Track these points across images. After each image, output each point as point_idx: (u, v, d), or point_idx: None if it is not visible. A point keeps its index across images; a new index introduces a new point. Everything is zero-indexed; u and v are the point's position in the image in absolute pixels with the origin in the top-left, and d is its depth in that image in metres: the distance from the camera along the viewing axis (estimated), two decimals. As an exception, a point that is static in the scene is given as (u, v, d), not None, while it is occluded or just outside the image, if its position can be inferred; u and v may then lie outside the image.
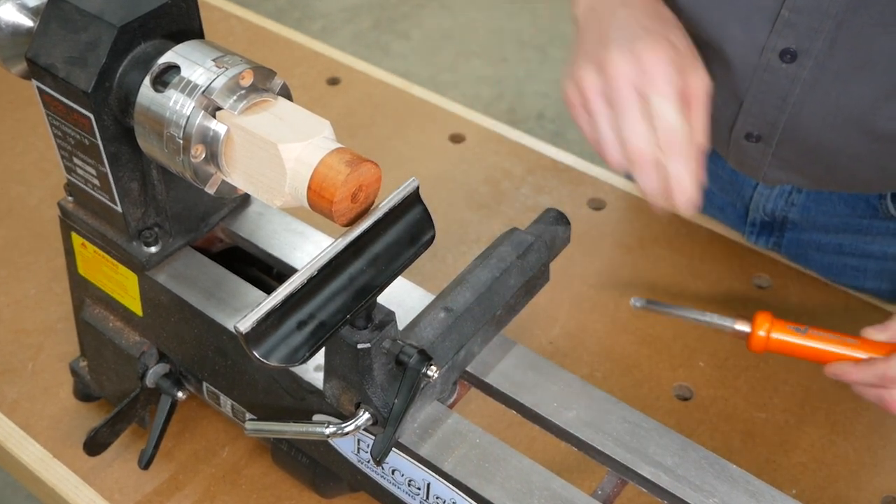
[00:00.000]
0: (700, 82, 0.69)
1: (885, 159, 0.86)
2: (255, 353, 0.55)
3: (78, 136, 0.67)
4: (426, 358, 0.61)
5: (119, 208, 0.70)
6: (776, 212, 1.00)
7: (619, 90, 0.67)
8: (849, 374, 0.74)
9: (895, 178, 0.89)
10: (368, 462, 0.70)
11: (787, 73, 0.83)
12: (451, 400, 0.71)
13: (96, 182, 0.70)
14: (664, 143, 0.66)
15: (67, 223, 0.76)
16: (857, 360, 0.77)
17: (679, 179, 0.66)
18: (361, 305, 0.59)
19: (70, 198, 0.75)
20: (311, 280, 0.57)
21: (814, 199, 0.97)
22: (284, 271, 0.75)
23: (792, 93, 0.84)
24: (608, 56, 0.69)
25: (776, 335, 0.78)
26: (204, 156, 0.62)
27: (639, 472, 0.65)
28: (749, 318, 0.79)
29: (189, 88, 0.61)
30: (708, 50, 0.83)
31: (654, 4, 0.75)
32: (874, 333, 0.75)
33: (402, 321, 0.65)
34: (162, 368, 0.78)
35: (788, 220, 1.00)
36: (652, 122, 0.66)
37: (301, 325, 0.57)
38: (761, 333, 0.78)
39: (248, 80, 0.62)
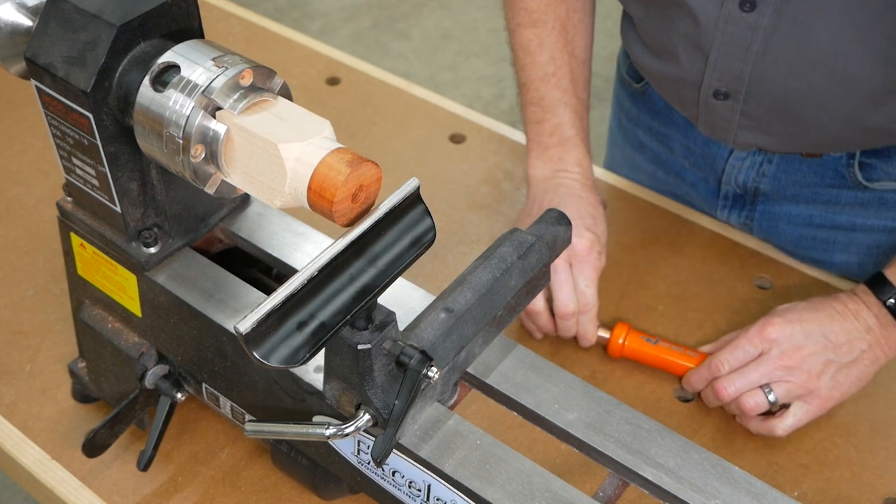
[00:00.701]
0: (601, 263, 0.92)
1: (850, 108, 0.87)
2: (254, 354, 0.55)
3: (77, 136, 0.67)
4: (427, 359, 0.60)
5: (118, 209, 0.70)
6: (748, 183, 1.02)
7: (556, 265, 0.88)
8: (691, 381, 0.87)
9: (862, 132, 0.90)
10: (369, 463, 0.70)
11: (747, 22, 0.84)
12: (452, 401, 0.71)
13: (95, 182, 0.69)
14: (581, 307, 0.89)
15: (66, 223, 0.76)
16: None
17: (586, 331, 0.90)
18: (362, 306, 0.59)
19: (69, 198, 0.75)
20: (311, 281, 0.57)
21: (784, 169, 1.00)
22: (284, 272, 0.75)
23: (754, 42, 0.86)
24: None
25: (630, 344, 0.89)
26: (203, 156, 0.62)
27: (640, 473, 0.65)
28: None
29: (189, 88, 0.61)
30: (674, 7, 0.88)
31: (594, 203, 0.94)
32: (707, 347, 0.90)
33: (403, 322, 0.65)
34: (161, 370, 0.78)
35: (760, 192, 1.02)
36: (575, 292, 0.88)
37: (301, 325, 0.57)
38: (619, 341, 0.90)
39: (247, 80, 0.61)
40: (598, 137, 1.07)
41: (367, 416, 0.62)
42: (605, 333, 0.90)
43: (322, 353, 0.61)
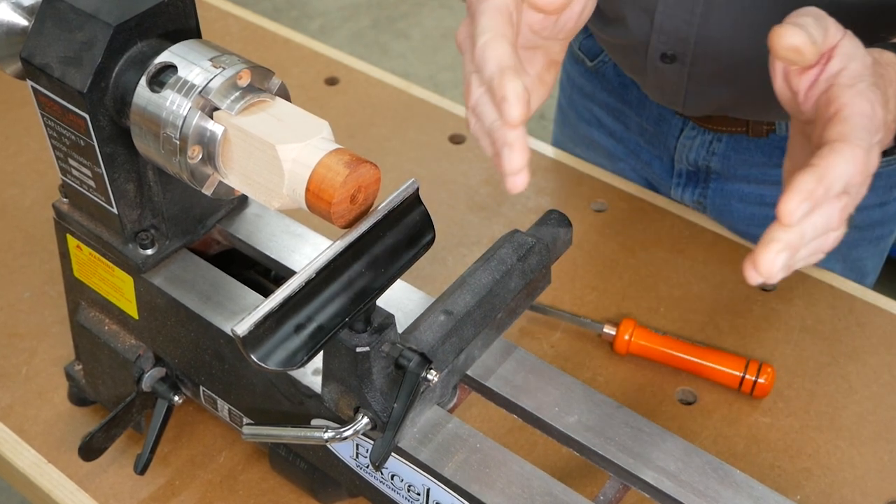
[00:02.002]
0: None
1: None
2: (252, 356, 0.55)
3: (73, 137, 0.67)
4: (426, 361, 0.60)
5: (115, 210, 0.69)
6: (699, 161, 1.04)
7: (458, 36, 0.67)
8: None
9: None
10: (367, 467, 0.69)
11: None
12: (452, 404, 0.71)
13: (91, 183, 0.69)
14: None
15: (62, 225, 0.75)
16: (707, 369, 0.87)
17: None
18: (360, 308, 0.59)
19: (65, 199, 0.74)
20: (309, 283, 0.56)
21: (733, 148, 1.01)
22: (282, 274, 0.75)
23: (697, 3, 0.86)
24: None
25: (637, 339, 0.88)
26: (201, 157, 0.62)
27: (641, 477, 0.64)
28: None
29: (186, 88, 0.60)
30: None
31: None
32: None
33: (402, 324, 0.64)
34: (158, 372, 0.77)
35: (711, 170, 1.03)
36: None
37: (299, 328, 0.56)
38: (626, 337, 0.88)
39: (245, 80, 0.61)
40: (543, 118, 1.07)
41: (365, 420, 0.62)
42: (611, 330, 0.90)
43: (320, 355, 0.60)
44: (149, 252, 0.72)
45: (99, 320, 0.78)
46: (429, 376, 0.60)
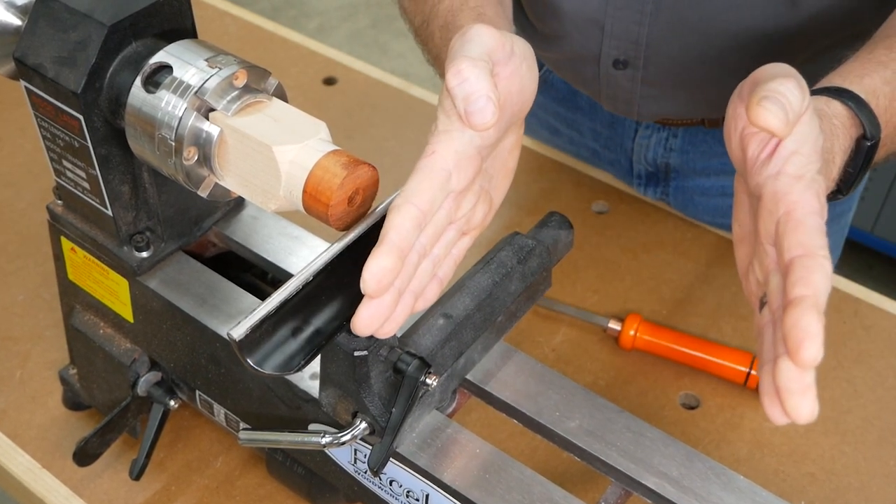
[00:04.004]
0: None
1: (748, 63, 0.87)
2: (248, 360, 0.54)
3: (67, 138, 0.66)
4: (425, 366, 0.60)
5: (109, 212, 0.69)
6: (657, 160, 1.04)
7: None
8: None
9: None
10: (366, 473, 0.69)
11: None
12: (451, 409, 0.70)
13: (86, 185, 0.69)
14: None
15: (56, 227, 0.75)
16: (713, 365, 0.87)
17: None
18: (358, 312, 0.58)
19: (59, 201, 0.74)
20: (306, 285, 0.56)
21: (689, 142, 1.01)
22: (279, 276, 0.75)
23: (646, 2, 0.86)
24: None
25: (642, 334, 0.89)
26: (196, 158, 0.61)
27: (643, 482, 0.64)
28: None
29: (181, 89, 0.60)
30: None
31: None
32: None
33: (400, 328, 0.64)
34: (153, 376, 0.77)
35: (671, 168, 1.04)
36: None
37: (296, 331, 0.56)
38: (631, 333, 0.89)
39: (241, 81, 0.61)
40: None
41: (363, 425, 0.61)
42: (616, 325, 0.90)
43: (318, 359, 0.60)
44: (144, 255, 0.71)
45: (94, 324, 0.78)
46: (428, 381, 0.59)
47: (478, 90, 0.53)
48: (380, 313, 0.54)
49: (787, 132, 0.52)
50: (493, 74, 0.55)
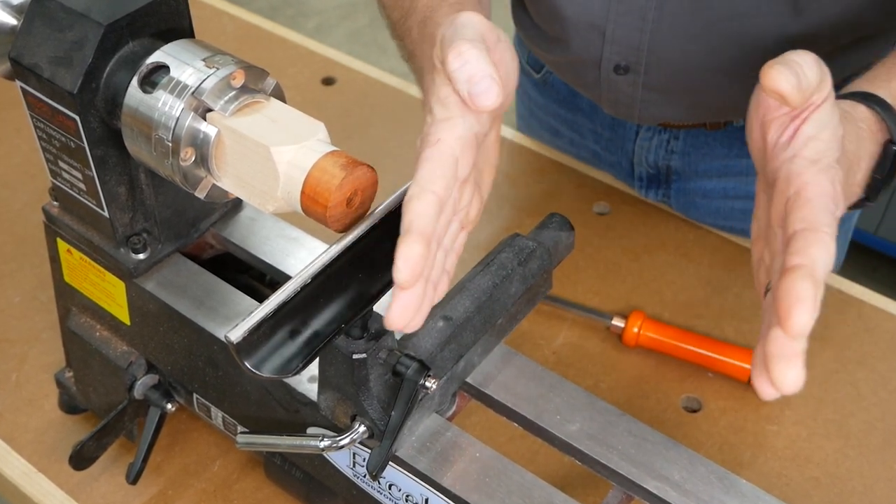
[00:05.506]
0: None
1: (750, 68, 0.87)
2: (246, 363, 0.54)
3: (63, 139, 0.66)
4: (424, 369, 0.59)
5: (106, 213, 0.69)
6: (658, 162, 1.04)
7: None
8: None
9: None
10: (364, 476, 0.69)
11: None
12: (451, 412, 0.70)
13: (82, 186, 0.68)
14: None
15: (52, 229, 0.75)
16: (718, 363, 0.87)
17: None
18: (357, 314, 0.58)
19: (55, 202, 0.74)
20: (304, 288, 0.55)
21: (691, 144, 1.01)
22: (277, 278, 0.74)
23: (649, 9, 0.86)
24: None
25: (646, 332, 0.89)
26: (194, 159, 0.61)
27: (645, 486, 0.64)
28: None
29: (178, 89, 0.60)
30: None
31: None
32: None
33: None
34: (150, 379, 0.77)
35: (672, 170, 1.04)
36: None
37: (294, 334, 0.56)
38: (635, 330, 0.89)
39: (239, 81, 0.60)
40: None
41: (362, 428, 0.61)
42: (619, 322, 0.90)
43: (316, 362, 0.59)
44: (141, 256, 0.71)
45: (90, 326, 0.78)
46: (427, 384, 0.59)
47: (480, 70, 0.53)
48: (413, 304, 0.51)
49: (798, 100, 0.51)
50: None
